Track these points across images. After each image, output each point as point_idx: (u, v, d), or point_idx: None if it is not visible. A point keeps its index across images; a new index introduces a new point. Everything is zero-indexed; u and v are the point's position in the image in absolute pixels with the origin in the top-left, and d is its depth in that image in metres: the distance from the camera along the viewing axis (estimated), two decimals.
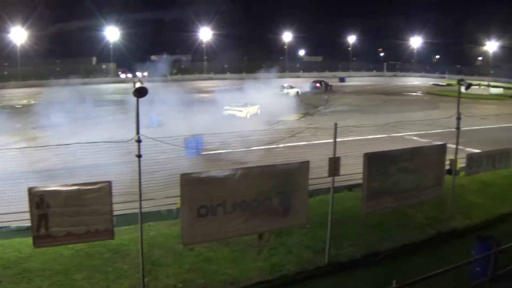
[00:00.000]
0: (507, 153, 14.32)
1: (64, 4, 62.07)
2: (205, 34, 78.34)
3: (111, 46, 67.59)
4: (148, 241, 9.29)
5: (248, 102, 30.29)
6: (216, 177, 8.20)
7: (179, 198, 8.07)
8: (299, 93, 45.98)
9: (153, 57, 72.29)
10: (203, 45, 78.57)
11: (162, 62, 60.80)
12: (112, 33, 67.62)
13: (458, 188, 12.95)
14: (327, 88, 56.80)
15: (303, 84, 54.04)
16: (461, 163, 13.25)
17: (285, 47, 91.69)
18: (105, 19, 65.06)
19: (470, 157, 13.17)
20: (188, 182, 7.83)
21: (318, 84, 57.62)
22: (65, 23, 61.33)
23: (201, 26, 77.34)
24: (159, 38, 76.72)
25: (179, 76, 68.70)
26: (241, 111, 28.87)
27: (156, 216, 10.88)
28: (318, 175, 9.79)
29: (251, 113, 29.64)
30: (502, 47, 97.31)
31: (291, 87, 46.17)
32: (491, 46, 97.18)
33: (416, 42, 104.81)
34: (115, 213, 8.13)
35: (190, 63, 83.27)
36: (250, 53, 78.16)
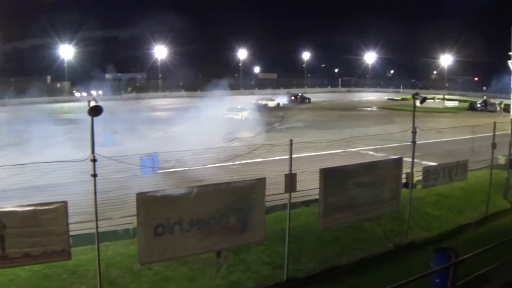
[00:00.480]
0: (463, 165, 14.98)
1: (18, 22, 61.74)
2: (160, 51, 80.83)
3: (65, 64, 68.11)
4: (105, 261, 9.46)
5: (242, 108, 39.32)
6: (172, 196, 8.42)
7: (135, 217, 8.25)
8: (280, 104, 55.42)
9: (108, 76, 72.91)
10: (158, 63, 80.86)
11: (117, 80, 61.64)
12: (66, 52, 68.39)
13: (415, 201, 13.56)
14: (304, 101, 63.31)
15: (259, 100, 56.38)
16: (418, 176, 13.85)
17: (240, 64, 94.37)
18: (60, 37, 66.31)
19: (426, 170, 13.73)
20: (144, 201, 8.05)
21: (293, 98, 64.28)
22: (19, 42, 61.24)
23: (156, 44, 79.59)
24: (114, 56, 77.80)
25: (134, 95, 70.19)
26: (237, 114, 37.38)
27: (113, 235, 11.02)
28: (275, 191, 10.17)
29: (245, 117, 37.94)
30: (457, 61, 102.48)
31: (271, 100, 55.99)
32: (446, 60, 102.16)
33: (370, 57, 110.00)
34: (71, 233, 8.26)
35: (145, 81, 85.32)
36: (205, 70, 79.50)
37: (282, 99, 61.13)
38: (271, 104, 55.24)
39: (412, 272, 8.27)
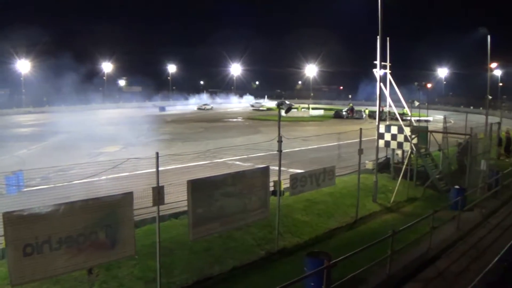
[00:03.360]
0: (330, 171, 17.83)
1: None
2: (23, 66, 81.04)
3: None
4: None
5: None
6: (39, 214, 9.55)
7: (3, 238, 9.24)
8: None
9: None
10: (22, 78, 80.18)
11: None
12: None
13: (284, 208, 16.08)
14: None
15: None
16: (286, 184, 16.35)
17: (104, 77, 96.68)
18: None
19: (294, 178, 16.27)
20: (11, 220, 9.16)
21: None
22: None
23: (19, 58, 79.65)
24: None
25: None
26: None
27: None
28: (143, 205, 11.85)
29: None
30: (322, 71, 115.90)
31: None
32: (311, 70, 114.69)
33: (235, 69, 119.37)
34: None
35: (8, 96, 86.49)
36: (69, 84, 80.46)
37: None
38: None
39: (286, 278, 9.59)
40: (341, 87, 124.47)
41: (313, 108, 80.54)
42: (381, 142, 24.03)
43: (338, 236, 16.90)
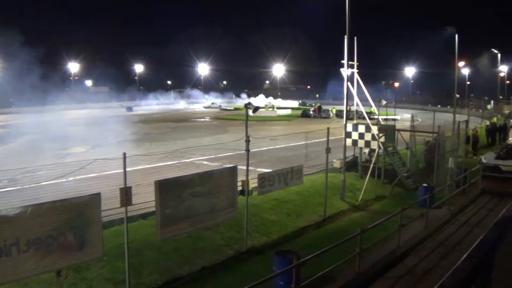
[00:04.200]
0: (298, 170, 18.21)
1: None
2: None
3: None
4: None
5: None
6: (6, 216, 9.69)
7: None
8: None
9: None
10: None
11: None
12: None
13: (253, 208, 16.44)
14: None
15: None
16: (254, 183, 16.71)
17: (71, 78, 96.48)
18: None
19: (262, 177, 16.59)
20: None
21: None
22: None
23: None
24: None
25: None
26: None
27: None
28: (111, 206, 12.09)
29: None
30: (289, 71, 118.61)
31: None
32: (278, 70, 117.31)
33: (203, 69, 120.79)
34: None
35: None
36: (36, 85, 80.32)
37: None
38: None
39: (256, 277, 9.86)
40: (309, 87, 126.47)
41: (280, 108, 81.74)
42: (349, 141, 24.57)
43: (307, 234, 17.32)
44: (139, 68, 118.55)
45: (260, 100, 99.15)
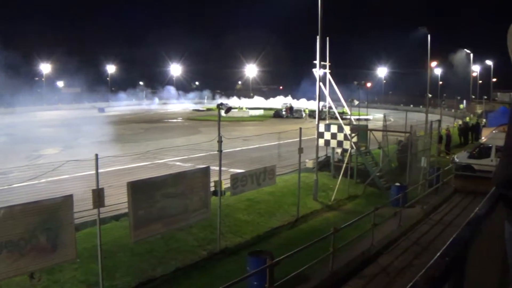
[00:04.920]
0: (270, 170, 18.53)
1: None
2: None
3: None
4: None
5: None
6: None
7: None
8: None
9: None
10: None
11: None
12: None
13: (226, 208, 16.68)
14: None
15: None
16: (226, 184, 16.95)
17: (43, 79, 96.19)
18: None
19: (234, 178, 16.88)
20: None
21: None
22: None
23: None
24: None
25: None
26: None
27: None
28: (83, 207, 12.22)
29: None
30: (262, 71, 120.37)
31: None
32: (251, 70, 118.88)
33: (175, 69, 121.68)
34: None
35: None
36: (6, 85, 79.46)
37: None
38: None
39: (230, 277, 10.00)
40: (281, 87, 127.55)
41: (252, 108, 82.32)
42: (321, 141, 24.98)
43: (280, 234, 17.60)
44: (111, 68, 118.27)
45: (257, 101, 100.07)
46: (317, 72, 23.58)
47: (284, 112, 72.92)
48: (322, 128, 25.21)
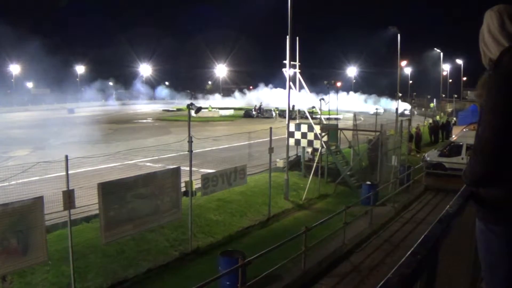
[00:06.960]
0: (241, 170, 18.87)
1: None
2: None
3: None
4: None
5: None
6: None
7: None
8: None
9: None
10: None
11: None
12: None
13: (197, 208, 16.97)
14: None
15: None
16: (197, 184, 17.22)
17: (13, 80, 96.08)
18: None
19: (205, 178, 17.19)
20: None
21: None
22: None
23: None
24: None
25: None
26: None
27: None
28: (54, 209, 12.36)
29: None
30: (232, 71, 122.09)
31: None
32: (221, 70, 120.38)
33: (145, 69, 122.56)
34: None
35: None
36: None
37: None
38: None
39: (202, 278, 10.14)
40: (251, 87, 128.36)
41: (222, 108, 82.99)
42: (291, 141, 25.39)
43: (252, 234, 17.96)
44: (80, 69, 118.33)
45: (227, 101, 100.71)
46: (287, 72, 23.94)
47: (254, 112, 73.52)
48: (292, 127, 25.62)
